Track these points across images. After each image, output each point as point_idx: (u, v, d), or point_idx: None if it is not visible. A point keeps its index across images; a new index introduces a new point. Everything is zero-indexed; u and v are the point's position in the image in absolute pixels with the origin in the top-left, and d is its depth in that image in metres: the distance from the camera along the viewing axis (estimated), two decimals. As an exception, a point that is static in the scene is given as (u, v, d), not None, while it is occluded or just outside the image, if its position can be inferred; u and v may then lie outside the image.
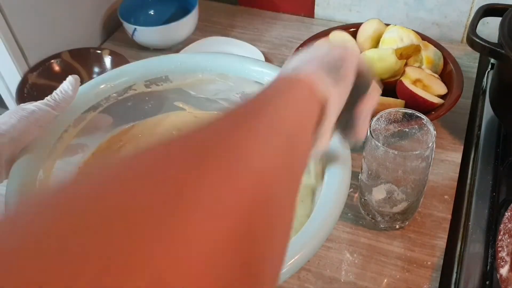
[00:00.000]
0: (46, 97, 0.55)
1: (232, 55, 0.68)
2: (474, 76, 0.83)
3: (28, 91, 0.79)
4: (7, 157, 0.53)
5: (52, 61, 0.84)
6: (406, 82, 0.71)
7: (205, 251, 0.18)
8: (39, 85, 0.81)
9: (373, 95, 0.45)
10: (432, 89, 0.72)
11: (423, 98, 0.69)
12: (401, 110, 0.56)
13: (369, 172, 0.57)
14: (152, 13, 0.97)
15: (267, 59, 0.88)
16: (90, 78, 0.82)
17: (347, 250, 0.61)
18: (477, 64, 0.85)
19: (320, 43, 0.46)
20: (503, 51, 0.63)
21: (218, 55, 0.67)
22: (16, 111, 0.53)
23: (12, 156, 0.53)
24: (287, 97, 0.34)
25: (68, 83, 0.56)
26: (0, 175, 0.53)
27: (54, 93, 0.56)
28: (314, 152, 0.39)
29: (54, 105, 0.55)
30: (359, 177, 0.60)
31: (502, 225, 0.56)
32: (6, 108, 0.88)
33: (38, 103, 0.54)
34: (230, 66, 0.65)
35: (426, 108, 0.69)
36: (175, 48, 0.92)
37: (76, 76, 0.56)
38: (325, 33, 0.83)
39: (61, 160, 0.60)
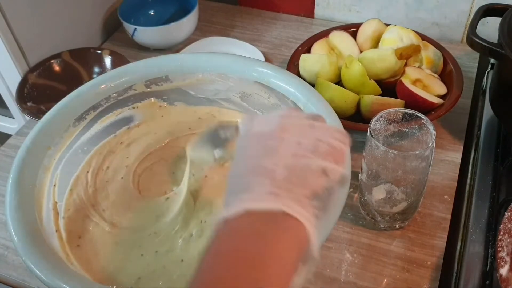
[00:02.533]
0: None
1: (232, 55, 0.68)
2: (474, 76, 0.83)
3: (28, 91, 0.79)
4: None
5: (52, 61, 0.84)
6: (406, 82, 0.71)
7: None
8: (39, 85, 0.81)
9: None
10: (432, 89, 0.72)
11: (423, 98, 0.69)
12: (401, 110, 0.56)
13: (369, 172, 0.57)
14: (152, 13, 0.97)
15: (267, 59, 0.88)
16: (90, 78, 0.82)
17: (347, 250, 0.61)
18: (477, 64, 0.85)
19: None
20: (503, 51, 0.63)
21: (218, 55, 0.67)
22: None
23: None
24: (281, 248, 0.34)
25: None
26: None
27: None
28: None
29: None
30: (359, 177, 0.60)
31: (502, 225, 0.56)
32: (6, 108, 0.88)
33: None
34: (230, 66, 0.65)
35: (426, 108, 0.69)
36: (175, 48, 0.92)
37: None
38: (325, 33, 0.83)
39: (61, 160, 0.60)
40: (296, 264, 0.34)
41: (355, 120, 0.70)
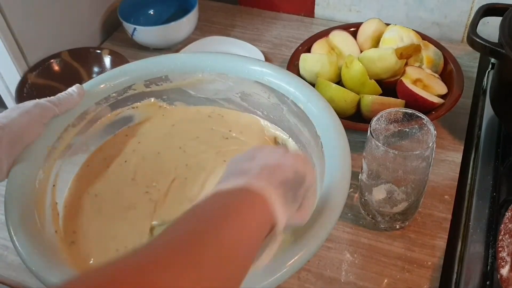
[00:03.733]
0: (50, 97, 0.57)
1: (232, 55, 0.68)
2: (475, 75, 0.83)
3: (28, 91, 0.79)
4: (8, 153, 0.52)
5: (52, 60, 0.84)
6: (407, 82, 0.71)
7: None
8: (39, 85, 0.81)
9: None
10: (432, 89, 0.72)
11: (423, 98, 0.69)
12: (401, 110, 0.56)
13: (369, 172, 0.57)
14: (152, 13, 0.97)
15: (267, 59, 0.88)
16: (90, 78, 0.82)
17: (347, 250, 0.61)
18: (477, 64, 0.85)
19: (276, 150, 0.44)
20: (503, 51, 0.63)
21: (218, 55, 0.67)
22: (18, 106, 0.54)
23: (14, 152, 0.53)
24: (243, 218, 0.36)
25: (74, 88, 0.59)
26: (1, 171, 0.52)
27: (58, 94, 0.58)
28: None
29: (56, 102, 0.57)
30: (359, 177, 0.60)
31: (502, 225, 0.55)
32: (5, 107, 0.88)
33: (41, 100, 0.56)
34: (230, 66, 0.65)
35: (426, 108, 0.69)
36: (175, 48, 0.92)
37: (82, 86, 0.60)
38: (325, 33, 0.83)
39: (61, 160, 0.60)
40: (258, 236, 0.36)
41: (355, 120, 0.70)
